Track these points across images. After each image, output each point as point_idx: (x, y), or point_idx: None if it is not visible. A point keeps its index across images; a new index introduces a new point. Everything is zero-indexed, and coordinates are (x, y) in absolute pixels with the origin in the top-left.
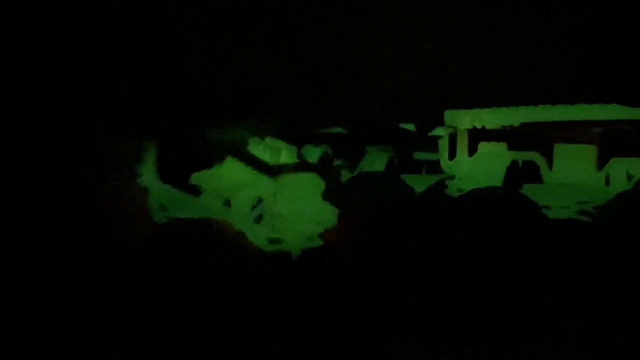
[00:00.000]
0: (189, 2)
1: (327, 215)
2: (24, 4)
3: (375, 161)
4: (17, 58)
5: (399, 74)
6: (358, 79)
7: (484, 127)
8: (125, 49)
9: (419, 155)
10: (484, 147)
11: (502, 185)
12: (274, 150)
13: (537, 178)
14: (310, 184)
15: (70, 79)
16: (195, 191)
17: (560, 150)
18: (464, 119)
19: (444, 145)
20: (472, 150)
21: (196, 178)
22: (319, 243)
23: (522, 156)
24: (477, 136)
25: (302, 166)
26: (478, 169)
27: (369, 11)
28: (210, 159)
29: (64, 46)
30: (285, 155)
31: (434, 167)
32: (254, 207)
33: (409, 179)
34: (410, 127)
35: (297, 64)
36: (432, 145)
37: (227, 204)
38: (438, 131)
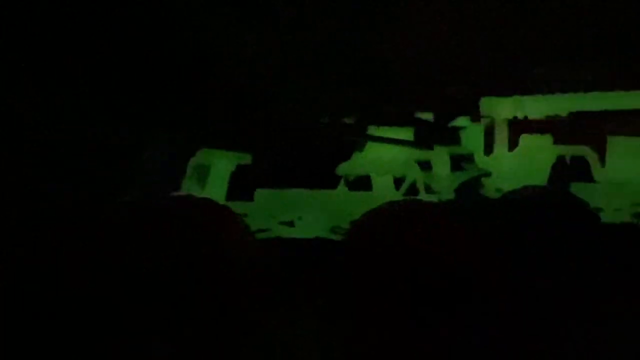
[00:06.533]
0: None
1: None
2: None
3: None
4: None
5: (417, 51)
6: (367, 57)
7: (526, 117)
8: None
9: (438, 149)
10: (525, 140)
11: (546, 183)
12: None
13: (587, 175)
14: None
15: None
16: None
17: (614, 143)
18: (503, 108)
19: (478, 137)
20: (513, 144)
21: (342, 169)
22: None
23: (570, 150)
24: (518, 127)
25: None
26: (519, 165)
27: None
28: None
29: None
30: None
31: (456, 163)
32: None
33: (428, 176)
34: (428, 116)
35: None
36: (453, 137)
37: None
38: (461, 121)
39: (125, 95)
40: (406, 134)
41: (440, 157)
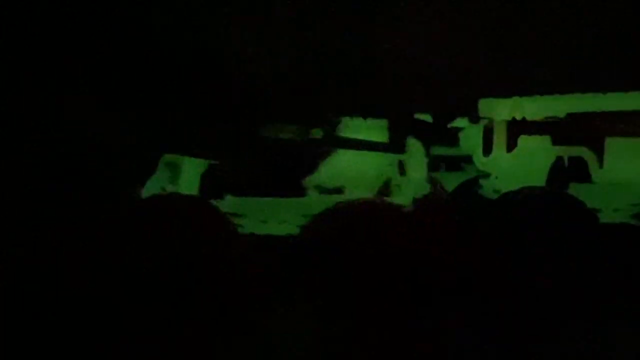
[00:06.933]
0: None
1: None
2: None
3: None
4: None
5: (417, 51)
6: (368, 58)
7: (524, 118)
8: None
9: (436, 150)
10: (524, 141)
11: (545, 184)
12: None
13: (585, 176)
14: None
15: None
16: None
17: (613, 144)
18: (501, 109)
19: (476, 139)
20: (511, 145)
21: (313, 180)
22: None
23: (569, 151)
24: (517, 128)
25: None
26: (517, 166)
27: None
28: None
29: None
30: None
31: (455, 164)
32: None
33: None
34: (427, 117)
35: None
36: (452, 138)
37: None
38: (459, 122)
39: (125, 95)
40: (379, 136)
41: (414, 159)
